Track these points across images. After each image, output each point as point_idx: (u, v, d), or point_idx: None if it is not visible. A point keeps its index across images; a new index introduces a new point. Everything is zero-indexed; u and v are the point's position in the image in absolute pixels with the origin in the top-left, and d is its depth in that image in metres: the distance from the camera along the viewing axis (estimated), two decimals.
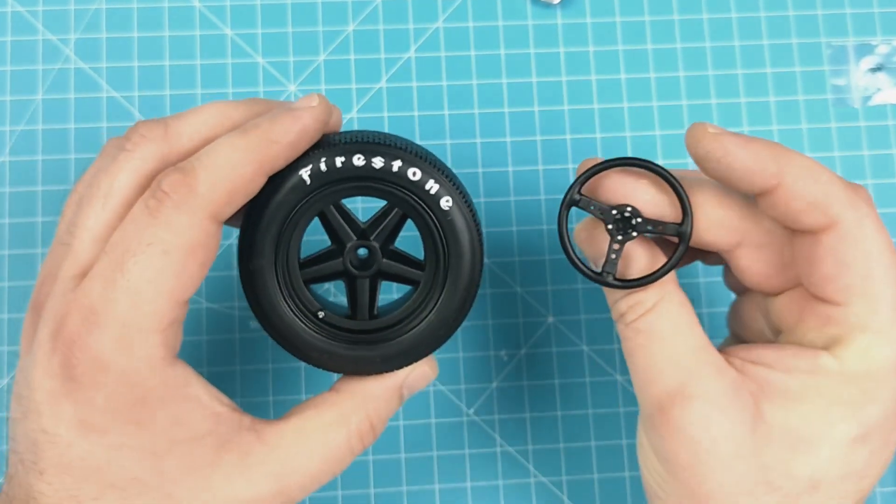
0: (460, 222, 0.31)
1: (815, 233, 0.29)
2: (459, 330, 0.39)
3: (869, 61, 0.44)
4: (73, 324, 0.27)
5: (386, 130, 0.42)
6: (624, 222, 0.29)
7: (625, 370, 0.41)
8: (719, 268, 0.36)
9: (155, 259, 0.27)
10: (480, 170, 0.42)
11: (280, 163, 0.29)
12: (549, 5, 0.44)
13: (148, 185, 0.28)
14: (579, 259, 0.30)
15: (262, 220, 0.30)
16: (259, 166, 0.28)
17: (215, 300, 0.41)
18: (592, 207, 0.30)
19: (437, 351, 0.39)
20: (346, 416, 0.31)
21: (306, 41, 0.43)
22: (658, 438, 0.30)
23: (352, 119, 0.43)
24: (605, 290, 0.31)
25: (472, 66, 0.43)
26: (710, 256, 0.35)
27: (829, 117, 0.43)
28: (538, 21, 0.44)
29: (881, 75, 0.44)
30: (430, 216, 0.31)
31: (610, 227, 0.29)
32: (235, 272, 0.41)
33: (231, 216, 0.29)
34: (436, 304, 0.31)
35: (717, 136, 0.28)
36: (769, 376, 0.29)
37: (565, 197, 0.30)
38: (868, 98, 0.44)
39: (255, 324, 0.41)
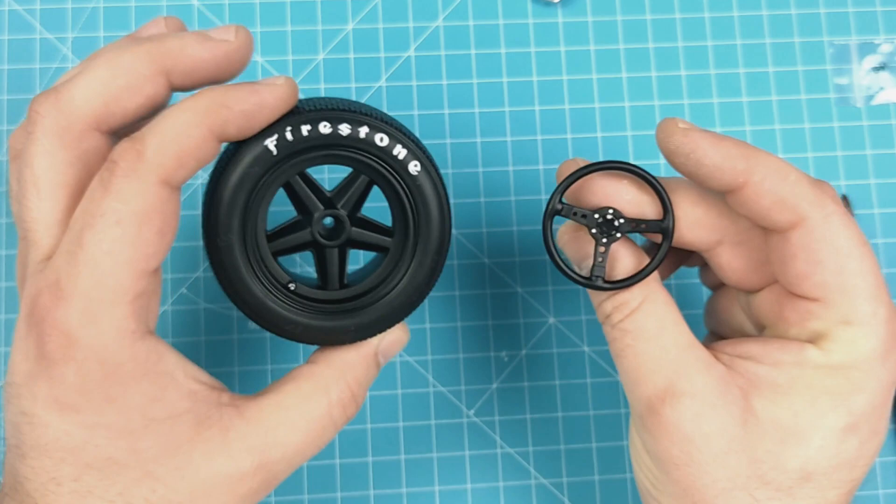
0: (428, 186, 0.31)
1: (784, 231, 0.29)
2: (459, 330, 0.40)
3: (872, 60, 0.44)
4: (43, 301, 0.27)
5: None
6: (607, 224, 0.30)
7: None
8: (691, 271, 0.36)
9: (109, 229, 0.27)
10: (481, 169, 0.42)
11: (232, 130, 0.28)
12: (549, 4, 0.44)
13: (70, 164, 0.28)
14: (567, 265, 0.30)
15: (227, 192, 0.30)
16: (209, 130, 0.28)
17: (213, 301, 0.41)
18: (575, 214, 0.30)
19: (437, 351, 0.41)
20: (325, 386, 0.31)
21: (305, 40, 0.43)
22: (650, 438, 0.30)
23: None
24: (591, 292, 0.32)
25: (472, 65, 0.43)
26: (692, 258, 0.35)
27: (831, 117, 0.43)
28: (539, 19, 0.44)
29: (884, 74, 0.44)
30: (398, 181, 0.31)
31: (594, 230, 0.30)
32: None
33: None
34: (407, 270, 0.31)
35: (686, 131, 0.29)
36: (757, 370, 0.29)
37: (547, 206, 0.30)
38: (871, 97, 0.44)
39: (253, 324, 0.40)
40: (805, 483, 0.29)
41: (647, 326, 0.30)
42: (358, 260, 0.41)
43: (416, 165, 0.31)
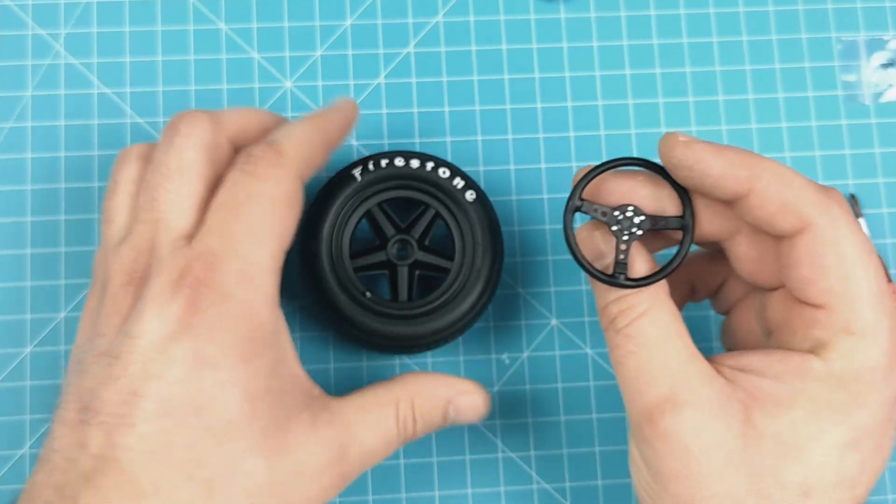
0: (481, 210, 0.38)
1: (790, 237, 0.29)
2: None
3: (880, 57, 0.44)
4: (198, 268, 0.30)
5: (385, 127, 0.42)
6: (627, 221, 0.30)
7: None
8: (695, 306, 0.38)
9: (264, 206, 0.31)
10: (482, 168, 0.42)
11: (335, 141, 0.35)
12: (552, 0, 0.44)
13: (210, 163, 0.33)
14: (590, 263, 0.30)
15: (322, 208, 0.38)
16: (324, 141, 0.35)
17: None
18: (595, 211, 0.30)
19: (437, 354, 0.41)
20: (395, 399, 0.33)
21: (302, 36, 0.43)
22: (648, 449, 0.30)
23: None
24: (596, 294, 0.32)
25: (473, 62, 0.43)
26: (698, 293, 0.36)
27: (839, 114, 0.43)
28: (541, 15, 0.44)
29: (893, 71, 0.44)
30: (457, 208, 0.39)
31: (614, 228, 0.30)
32: None
33: None
34: (463, 289, 0.38)
35: (688, 143, 0.29)
36: (758, 383, 0.29)
37: (568, 203, 0.30)
38: (880, 94, 0.43)
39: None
40: (805, 499, 0.28)
41: (650, 334, 0.30)
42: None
43: (471, 194, 0.39)
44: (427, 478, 0.40)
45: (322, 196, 0.39)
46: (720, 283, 0.36)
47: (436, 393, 0.34)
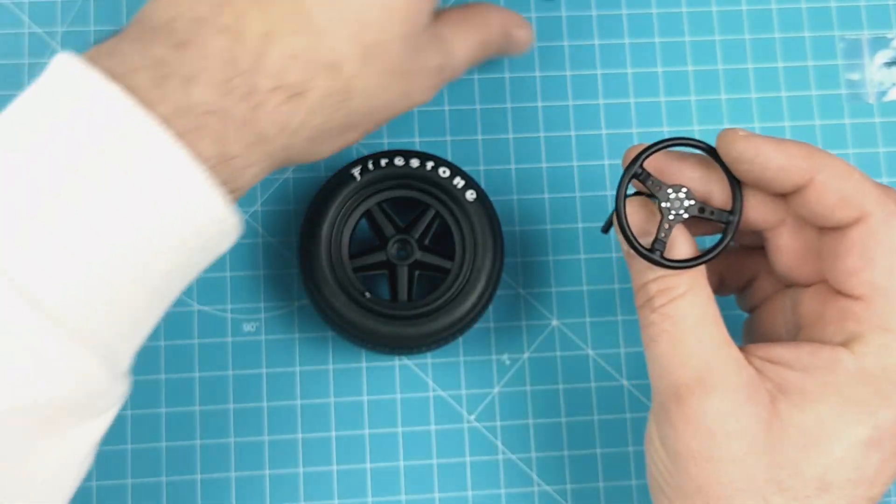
0: (482, 212, 0.38)
1: (843, 228, 0.30)
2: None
3: (884, 55, 0.44)
4: None
5: (385, 126, 0.42)
6: (678, 202, 0.31)
7: (632, 375, 0.41)
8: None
9: None
10: (482, 168, 0.42)
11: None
12: None
13: None
14: (635, 237, 0.31)
15: (321, 208, 0.38)
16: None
17: (207, 303, 0.41)
18: (650, 183, 0.31)
19: (437, 354, 0.40)
20: (483, 23, 0.37)
21: None
22: (671, 429, 0.30)
23: None
24: (634, 271, 0.32)
25: None
26: (724, 287, 0.36)
27: (842, 113, 0.43)
28: (541, 13, 0.43)
29: None
30: (457, 207, 0.38)
31: (664, 205, 0.30)
32: (230, 274, 0.40)
33: None
34: (463, 289, 0.38)
35: (748, 137, 0.30)
36: (787, 375, 0.30)
37: (630, 167, 0.31)
38: (883, 93, 0.43)
39: (248, 327, 0.40)
40: (822, 494, 0.29)
41: (688, 315, 0.30)
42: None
43: (472, 194, 0.38)
44: (426, 480, 0.40)
45: (321, 196, 0.38)
46: (750, 279, 0.36)
47: (504, 25, 0.38)
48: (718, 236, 0.32)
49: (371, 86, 0.30)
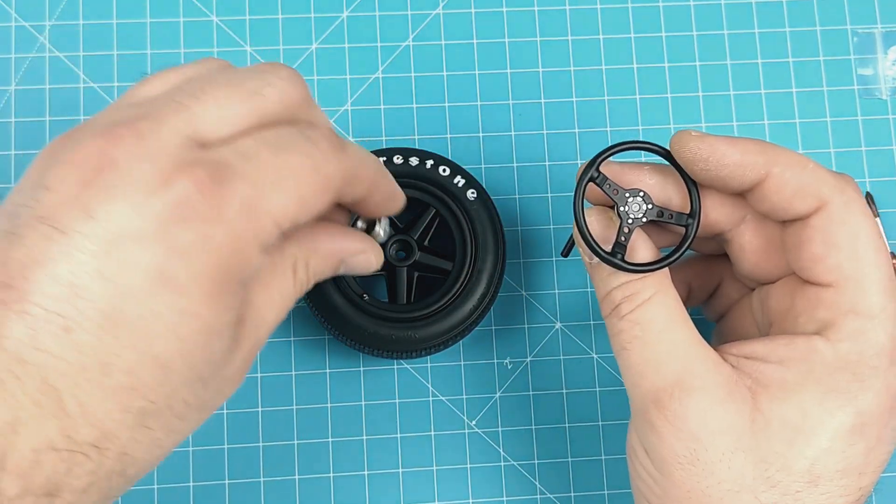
0: (483, 212, 0.38)
1: (804, 218, 0.30)
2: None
3: None
4: (202, 174, 0.25)
5: (383, 124, 0.42)
6: (636, 205, 0.31)
7: None
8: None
9: (305, 167, 0.27)
10: (483, 166, 0.42)
11: (376, 198, 0.32)
12: None
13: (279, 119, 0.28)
14: (595, 241, 0.31)
15: None
16: (380, 184, 0.32)
17: None
18: (608, 187, 0.31)
19: (437, 358, 0.40)
20: (293, 263, 0.29)
21: (297, 28, 0.43)
22: (653, 435, 0.30)
23: (346, 112, 0.42)
24: (597, 280, 0.32)
25: (474, 56, 0.43)
26: (690, 298, 0.36)
27: (855, 109, 0.43)
28: (544, 7, 0.43)
29: None
30: (458, 207, 0.38)
31: (622, 209, 0.31)
32: None
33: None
34: (464, 291, 0.37)
35: (700, 136, 0.30)
36: (764, 369, 0.30)
37: (585, 171, 0.31)
38: None
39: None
40: (812, 487, 0.29)
41: (657, 319, 0.30)
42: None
43: (472, 193, 0.38)
44: (427, 486, 0.40)
45: None
46: (716, 285, 0.36)
47: (332, 252, 0.30)
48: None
49: (156, 438, 0.26)
